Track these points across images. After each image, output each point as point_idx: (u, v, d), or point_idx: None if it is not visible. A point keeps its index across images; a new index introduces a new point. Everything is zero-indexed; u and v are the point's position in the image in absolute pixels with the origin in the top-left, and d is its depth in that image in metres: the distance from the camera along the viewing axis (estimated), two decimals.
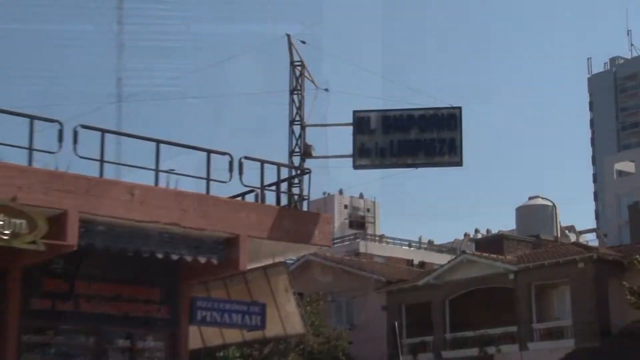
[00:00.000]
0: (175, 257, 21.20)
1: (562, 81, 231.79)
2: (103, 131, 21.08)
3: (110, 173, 21.12)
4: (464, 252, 61.28)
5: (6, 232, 17.95)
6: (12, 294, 20.34)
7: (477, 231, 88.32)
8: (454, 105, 25.49)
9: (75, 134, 20.11)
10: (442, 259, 67.43)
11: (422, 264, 68.26)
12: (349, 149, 25.55)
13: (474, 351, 50.25)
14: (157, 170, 21.61)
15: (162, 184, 21.91)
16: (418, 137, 25.11)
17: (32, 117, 19.92)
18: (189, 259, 21.44)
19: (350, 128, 25.48)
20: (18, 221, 18.12)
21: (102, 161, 20.70)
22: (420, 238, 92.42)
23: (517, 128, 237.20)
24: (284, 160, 25.92)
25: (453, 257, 59.58)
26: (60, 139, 19.94)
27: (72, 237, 18.83)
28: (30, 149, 19.72)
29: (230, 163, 22.47)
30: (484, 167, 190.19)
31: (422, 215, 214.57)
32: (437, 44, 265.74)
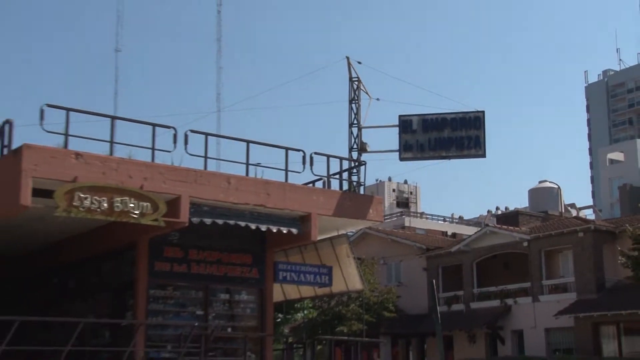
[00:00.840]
0: (263, 228, 22.38)
1: (565, 89, 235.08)
2: (206, 134, 22.45)
3: (212, 166, 22.61)
4: (487, 225, 61.95)
5: (136, 212, 19.35)
6: (141, 259, 21.88)
7: (497, 208, 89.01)
8: (479, 110, 26.39)
9: (186, 137, 21.35)
10: (469, 230, 68.00)
11: (454, 235, 68.79)
12: (395, 145, 26.48)
13: (496, 302, 51.03)
14: (247, 164, 22.75)
15: (251, 174, 23.13)
16: (450, 135, 26.06)
17: (154, 125, 21.43)
18: (274, 229, 22.55)
19: (397, 129, 26.45)
20: (144, 204, 19.51)
21: (205, 157, 22.06)
22: (452, 214, 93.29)
23: (530, 126, 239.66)
24: (345, 154, 26.81)
25: (478, 229, 60.28)
26: (175, 140, 21.21)
27: (184, 216, 20.17)
28: (153, 149, 21.08)
29: (304, 157, 23.59)
30: (503, 157, 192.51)
31: (454, 196, 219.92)
32: (458, 56, 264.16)
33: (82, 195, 18.74)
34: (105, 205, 19.07)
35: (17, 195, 18.13)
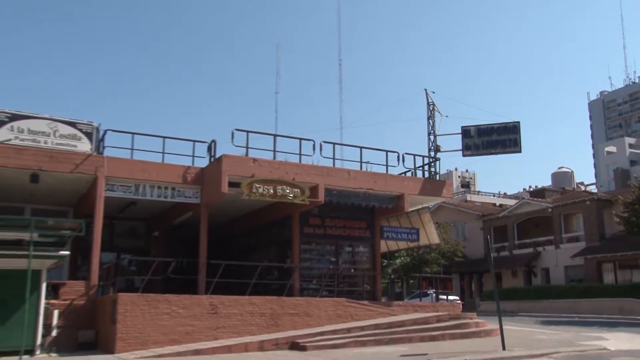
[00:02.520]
0: (372, 204, 23.81)
1: (574, 105, 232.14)
2: (333, 144, 23.86)
3: (337, 164, 23.53)
4: (523, 198, 62.28)
5: (291, 195, 21.00)
6: (295, 226, 23.21)
7: (530, 186, 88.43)
8: (515, 120, 27.04)
9: (321, 146, 22.96)
10: (511, 202, 67.82)
11: (500, 205, 68.49)
12: (459, 146, 27.25)
13: (530, 249, 51.16)
14: (360, 162, 23.93)
15: (364, 169, 24.08)
16: (496, 138, 26.52)
17: (300, 139, 22.86)
18: (379, 205, 23.90)
19: (459, 135, 27.28)
20: (296, 190, 21.12)
21: (333, 159, 23.36)
22: (499, 191, 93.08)
23: (551, 129, 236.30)
24: (425, 153, 27.68)
25: (517, 200, 60.35)
26: (314, 148, 22.80)
27: (321, 197, 21.67)
28: (300, 154, 22.49)
29: (398, 156, 24.68)
30: (534, 151, 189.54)
31: (500, 179, 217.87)
32: (498, 83, 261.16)
33: (257, 185, 20.59)
34: (272, 191, 20.83)
35: (219, 186, 20.14)
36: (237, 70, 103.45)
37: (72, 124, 20.38)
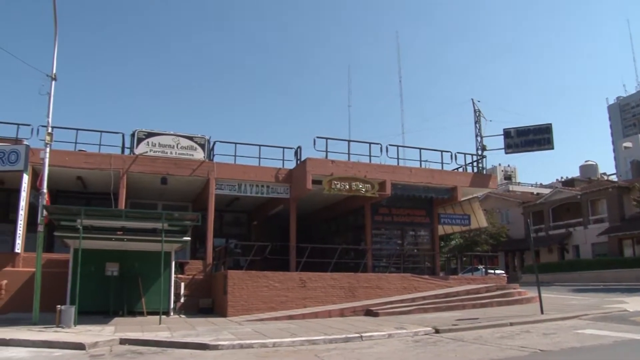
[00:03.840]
0: (429, 196, 24.17)
1: (595, 109, 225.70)
2: (397, 146, 24.40)
3: (401, 163, 24.06)
4: (556, 187, 61.47)
5: (363, 190, 21.63)
6: (367, 214, 23.83)
7: (561, 177, 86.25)
8: (548, 122, 26.68)
9: (387, 148, 23.48)
10: (546, 191, 66.44)
11: (537, 194, 66.97)
12: (502, 145, 27.13)
13: (563, 230, 50.49)
14: (420, 161, 24.37)
15: (422, 166, 24.39)
16: (533, 138, 26.16)
17: (370, 143, 23.52)
18: (435, 196, 24.29)
19: (502, 136, 27.11)
20: (367, 185, 21.77)
21: (397, 158, 23.99)
22: (536, 182, 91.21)
23: (578, 130, 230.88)
24: (474, 151, 27.69)
25: (552, 189, 59.59)
26: (381, 151, 23.37)
27: (388, 190, 22.31)
28: (370, 155, 23.20)
29: (451, 155, 25.19)
30: (565, 148, 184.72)
31: (536, 171, 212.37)
32: (534, 88, 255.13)
33: (335, 182, 21.42)
34: (347, 186, 21.59)
35: (305, 184, 21.19)
36: (317, 88, 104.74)
37: (190, 138, 21.99)
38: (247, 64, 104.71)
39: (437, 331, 13.64)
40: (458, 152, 25.59)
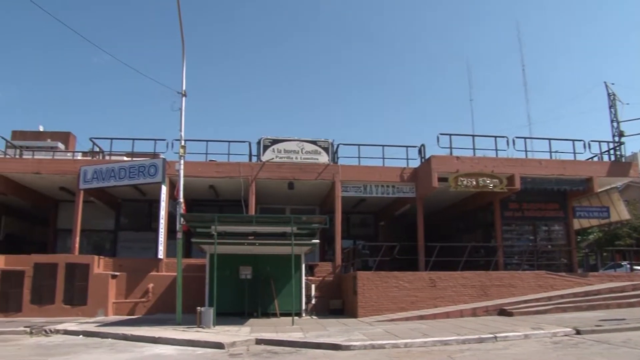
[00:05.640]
0: (562, 188, 22.89)
1: None
2: (525, 138, 23.38)
3: (530, 155, 22.96)
4: None
5: (491, 185, 21.05)
6: (496, 210, 23.03)
7: None
8: None
9: (513, 141, 22.48)
10: None
11: None
12: None
13: None
14: (550, 152, 23.15)
15: (553, 157, 23.13)
16: None
17: (495, 137, 22.62)
18: (568, 189, 23.00)
19: None
20: (495, 180, 21.17)
21: (525, 151, 23.01)
22: None
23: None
24: (609, 138, 25.91)
25: None
26: (507, 144, 22.43)
27: (517, 184, 21.38)
28: (496, 149, 22.36)
29: (584, 144, 23.58)
30: None
31: None
32: None
33: (461, 179, 20.98)
34: (474, 183, 21.10)
35: (430, 182, 20.88)
36: (437, 85, 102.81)
37: (313, 142, 22.45)
38: (364, 62, 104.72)
39: (578, 332, 12.90)
40: (592, 141, 23.99)
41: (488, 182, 21.34)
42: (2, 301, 19.52)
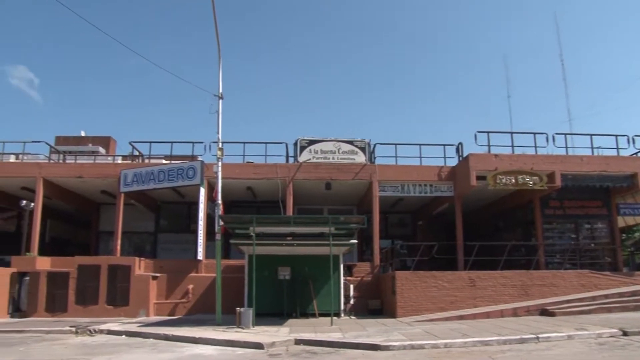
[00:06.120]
0: (605, 185, 22.35)
1: None
2: (565, 134, 22.99)
3: (570, 152, 22.79)
4: None
5: (530, 183, 20.77)
6: (537, 209, 22.60)
7: None
8: None
9: (553, 137, 22.30)
10: None
11: None
12: None
13: None
14: (592, 148, 22.73)
15: (595, 154, 22.66)
16: None
17: (534, 133, 22.35)
18: (612, 185, 22.39)
19: None
20: (534, 177, 20.89)
21: (566, 147, 22.56)
22: None
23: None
24: None
25: None
26: (547, 140, 22.23)
27: (558, 182, 21.05)
28: (535, 147, 22.01)
29: (628, 139, 23.09)
30: None
31: None
32: None
33: (500, 177, 20.75)
34: (513, 180, 20.85)
35: (469, 180, 20.75)
36: (473, 82, 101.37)
37: (350, 142, 22.49)
38: (395, 59, 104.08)
39: (624, 333, 12.59)
40: (636, 135, 23.37)
41: (527, 179, 21.05)
42: (49, 302, 20.12)
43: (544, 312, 17.47)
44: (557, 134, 22.77)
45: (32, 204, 22.15)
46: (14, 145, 25.28)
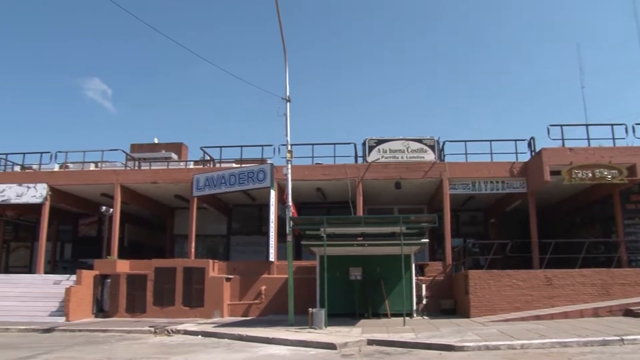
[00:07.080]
0: None
1: None
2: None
3: None
4: None
5: (609, 177, 19.98)
6: (616, 203, 21.50)
7: None
8: None
9: (633, 128, 21.42)
10: None
11: None
12: None
13: None
14: None
15: None
16: None
17: (612, 125, 21.54)
18: None
19: None
20: (613, 171, 20.06)
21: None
22: None
23: None
24: None
25: None
26: (626, 131, 21.38)
27: (639, 175, 19.94)
28: (613, 138, 21.21)
29: None
30: None
31: None
32: None
33: (576, 171, 20.11)
34: (590, 175, 20.15)
35: (542, 176, 20.20)
36: (543, 73, 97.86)
37: (418, 140, 22.37)
38: (459, 53, 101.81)
39: None
40: None
41: (606, 173, 20.26)
42: (129, 302, 21.03)
43: (628, 312, 16.72)
44: (637, 124, 21.78)
45: (111, 209, 23.18)
46: (93, 154, 26.53)
